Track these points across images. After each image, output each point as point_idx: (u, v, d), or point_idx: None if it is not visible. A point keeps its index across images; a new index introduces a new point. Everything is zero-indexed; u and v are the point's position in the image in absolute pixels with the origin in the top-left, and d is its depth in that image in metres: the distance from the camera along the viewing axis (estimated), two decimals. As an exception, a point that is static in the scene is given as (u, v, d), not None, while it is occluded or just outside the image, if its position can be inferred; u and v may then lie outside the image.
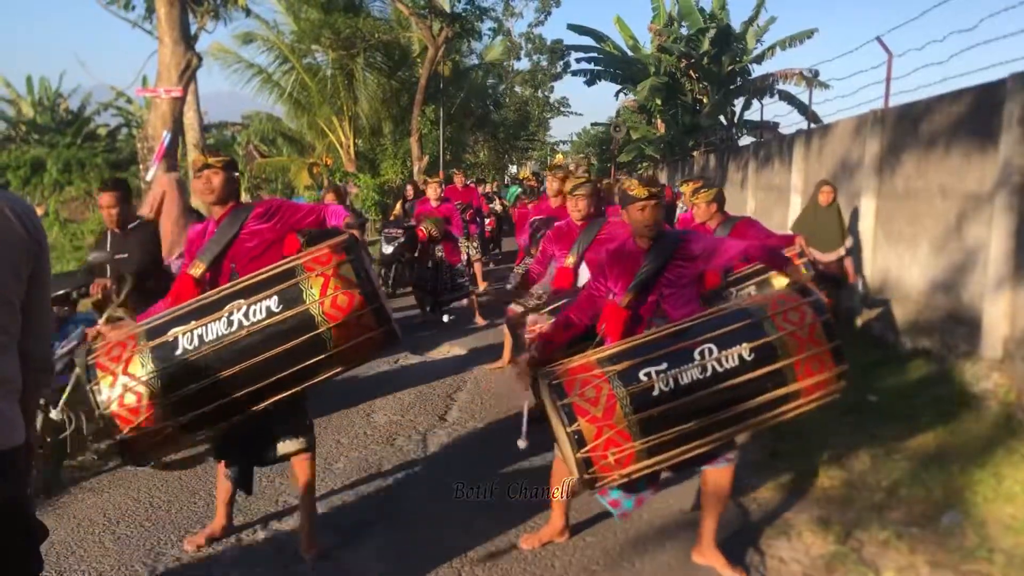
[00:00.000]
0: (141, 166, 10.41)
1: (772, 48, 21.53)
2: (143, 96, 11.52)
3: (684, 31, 22.58)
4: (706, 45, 21.53)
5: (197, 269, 3.68)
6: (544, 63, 44.10)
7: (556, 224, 5.71)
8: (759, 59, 21.97)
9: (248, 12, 15.02)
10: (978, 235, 6.49)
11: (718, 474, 3.61)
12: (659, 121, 25.10)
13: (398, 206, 13.92)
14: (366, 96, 23.69)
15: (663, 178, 23.87)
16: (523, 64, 42.82)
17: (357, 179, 21.71)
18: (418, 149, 22.28)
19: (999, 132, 6.17)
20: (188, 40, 10.11)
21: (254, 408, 3.38)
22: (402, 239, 10.18)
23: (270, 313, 3.25)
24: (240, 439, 3.75)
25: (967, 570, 3.80)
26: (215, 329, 3.23)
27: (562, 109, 50.00)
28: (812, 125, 12.43)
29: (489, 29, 26.45)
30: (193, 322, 3.27)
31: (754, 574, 3.80)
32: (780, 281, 5.46)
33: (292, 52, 23.76)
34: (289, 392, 3.40)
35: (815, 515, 4.37)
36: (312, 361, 3.32)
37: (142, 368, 3.21)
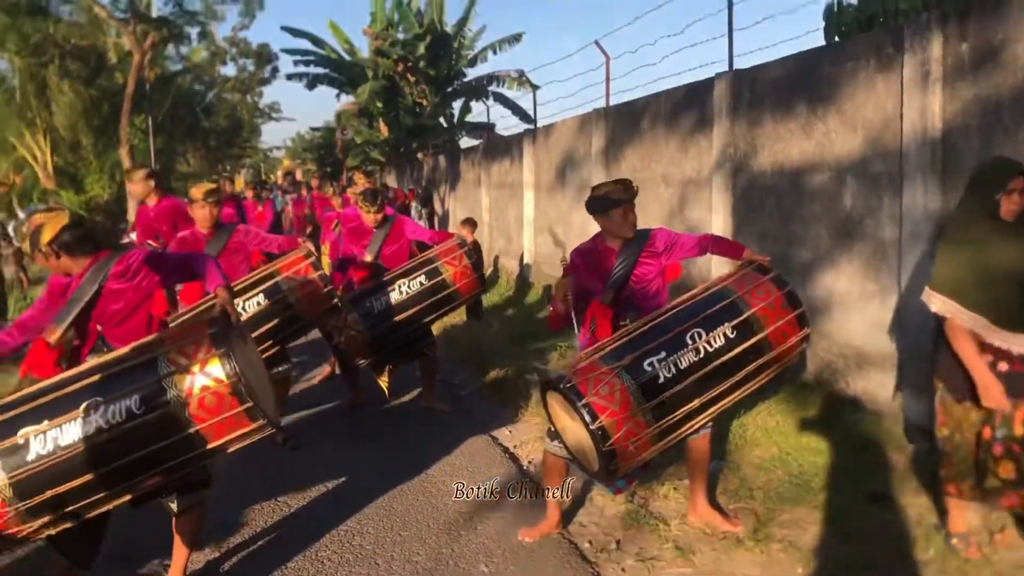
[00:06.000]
0: None
1: (484, 52, 22.45)
2: None
3: (400, 35, 22.88)
4: (422, 49, 21.98)
5: (53, 335, 3.34)
6: (251, 68, 42.64)
7: (180, 234, 5.51)
8: (473, 62, 22.82)
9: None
10: (700, 217, 7.33)
11: (700, 442, 4.05)
12: (381, 124, 25.24)
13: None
14: (63, 107, 21.69)
15: (391, 180, 24.09)
16: (230, 69, 41.18)
17: (59, 196, 19.87)
18: (129, 160, 20.76)
19: (711, 124, 7.01)
20: None
21: (122, 500, 3.15)
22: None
23: (130, 415, 2.98)
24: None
25: (735, 507, 4.36)
26: (71, 432, 2.93)
27: (273, 114, 48.64)
28: (534, 126, 13.18)
29: (196, 33, 25.14)
30: (46, 422, 2.95)
31: (559, 539, 4.10)
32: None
33: (-31, 60, 21.20)
34: (160, 481, 3.21)
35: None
36: (183, 459, 3.11)
37: None
